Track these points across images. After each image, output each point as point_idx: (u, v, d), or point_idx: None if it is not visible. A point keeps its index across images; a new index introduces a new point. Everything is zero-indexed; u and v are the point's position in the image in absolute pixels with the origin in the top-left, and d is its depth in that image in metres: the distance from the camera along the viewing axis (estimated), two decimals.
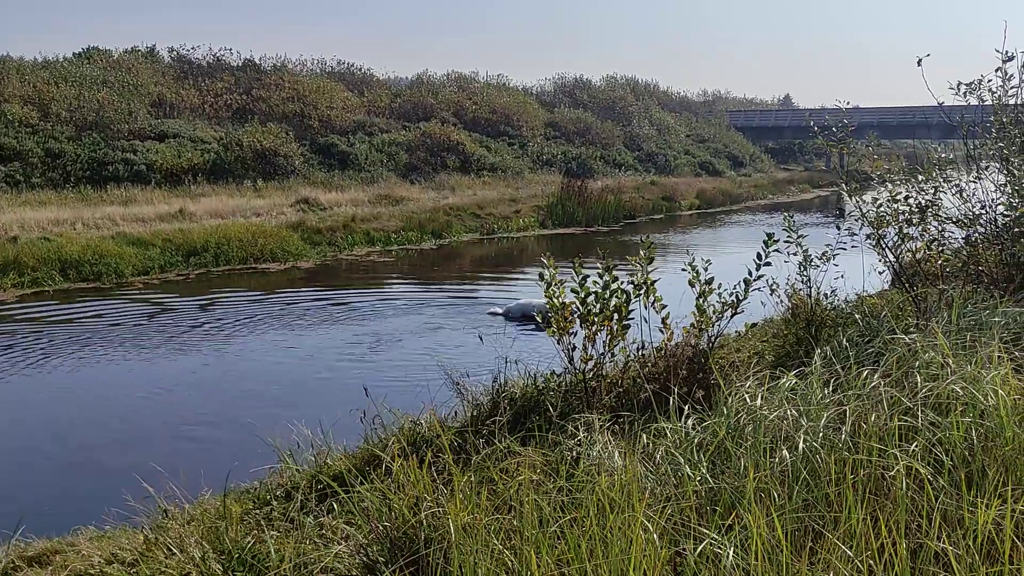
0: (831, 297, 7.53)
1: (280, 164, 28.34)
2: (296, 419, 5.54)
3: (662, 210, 31.62)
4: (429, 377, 7.30)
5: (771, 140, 54.99)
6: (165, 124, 29.27)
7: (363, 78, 41.70)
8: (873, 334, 5.54)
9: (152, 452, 7.36)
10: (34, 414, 9.10)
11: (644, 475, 3.63)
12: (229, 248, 18.73)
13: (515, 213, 26.68)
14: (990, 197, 7.26)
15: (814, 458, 3.47)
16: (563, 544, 3.03)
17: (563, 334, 5.86)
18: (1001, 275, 6.78)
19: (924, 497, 3.12)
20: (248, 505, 4.92)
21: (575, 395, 5.83)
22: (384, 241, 22.17)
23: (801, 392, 4.16)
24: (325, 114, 33.28)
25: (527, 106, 42.09)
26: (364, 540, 3.44)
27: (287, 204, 24.22)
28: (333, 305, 14.60)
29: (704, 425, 4.04)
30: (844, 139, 8.07)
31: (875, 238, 7.26)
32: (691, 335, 6.15)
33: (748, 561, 2.85)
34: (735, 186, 39.08)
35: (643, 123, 46.16)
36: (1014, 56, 7.18)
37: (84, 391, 9.84)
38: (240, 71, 36.33)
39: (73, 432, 8.36)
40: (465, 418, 5.86)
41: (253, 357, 11.15)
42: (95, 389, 9.92)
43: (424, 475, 3.55)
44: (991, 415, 3.55)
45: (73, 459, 7.66)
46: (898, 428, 3.53)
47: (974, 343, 4.43)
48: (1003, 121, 7.17)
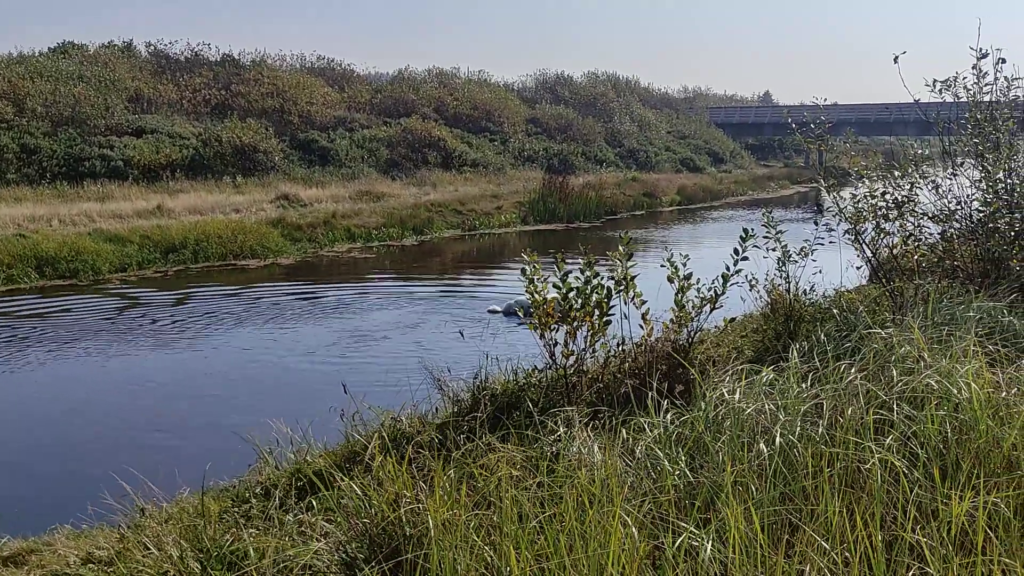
0: (809, 292, 7.59)
1: (260, 160, 28.14)
2: (276, 416, 5.51)
3: (643, 206, 31.71)
4: (410, 374, 7.30)
5: (751, 137, 55.27)
6: (143, 119, 28.97)
7: (343, 73, 41.47)
8: (850, 328, 5.59)
9: (129, 450, 7.31)
10: (8, 412, 9.01)
11: (623, 470, 3.64)
12: (208, 245, 18.59)
13: (497, 209, 26.67)
14: (965, 193, 7.34)
15: (791, 452, 3.49)
16: (543, 539, 3.03)
17: (545, 330, 5.88)
18: (976, 270, 6.86)
19: (899, 490, 3.16)
20: (227, 503, 4.89)
21: (556, 390, 5.85)
22: (365, 237, 22.09)
23: (779, 386, 4.19)
24: (305, 110, 33.08)
25: (508, 102, 42.04)
26: (343, 537, 3.44)
27: (267, 200, 24.08)
28: (313, 301, 14.54)
29: (683, 419, 4.06)
30: (822, 136, 8.13)
31: (853, 233, 7.33)
32: (671, 330, 6.19)
33: (726, 554, 2.87)
34: (716, 182, 39.25)
35: (624, 119, 46.24)
36: (988, 54, 7.26)
37: (60, 388, 9.74)
38: (219, 66, 36.03)
39: (49, 430, 8.28)
40: (446, 414, 5.86)
41: (232, 354, 11.09)
42: (71, 386, 9.83)
43: (404, 471, 3.55)
44: (965, 408, 3.60)
45: (49, 457, 7.59)
46: (874, 421, 3.57)
47: (949, 337, 4.48)
48: (978, 118, 7.25)
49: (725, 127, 53.42)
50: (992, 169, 6.83)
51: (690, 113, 55.00)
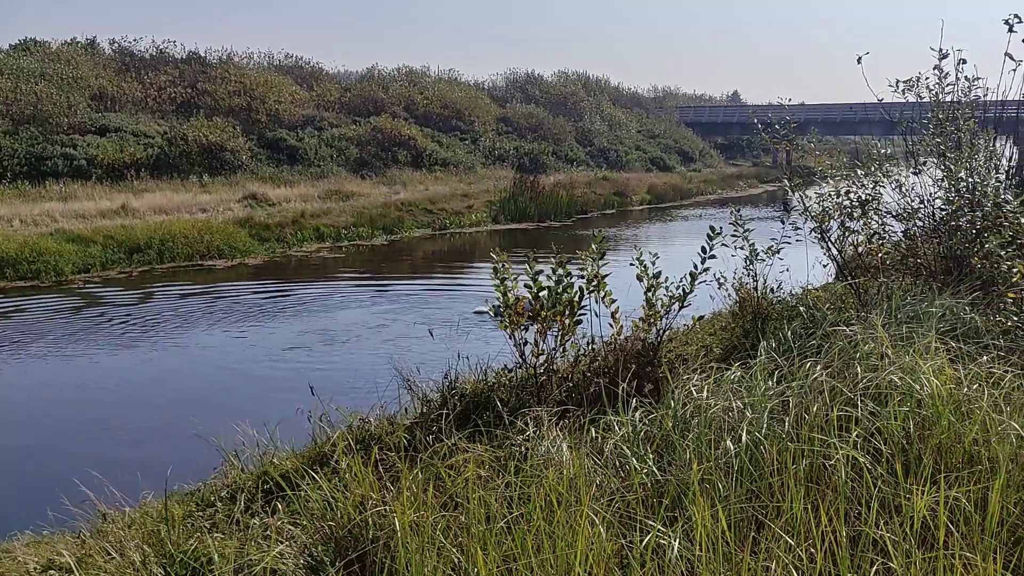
0: (777, 290, 7.65)
1: (227, 159, 27.85)
2: (241, 418, 5.44)
3: (614, 205, 31.84)
4: (380, 374, 7.25)
5: (720, 136, 55.71)
6: (106, 118, 28.53)
7: (312, 72, 41.15)
8: (817, 326, 5.63)
9: (91, 454, 7.18)
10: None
11: (592, 469, 3.64)
12: (174, 245, 18.36)
13: (467, 208, 26.61)
14: (928, 192, 7.44)
15: (757, 449, 3.51)
16: (510, 540, 3.02)
17: (515, 329, 5.87)
18: (939, 268, 6.95)
19: (863, 485, 3.19)
20: (191, 507, 4.83)
21: (526, 390, 5.84)
22: (334, 237, 21.94)
23: (746, 384, 4.21)
24: (273, 108, 32.77)
25: (479, 101, 41.98)
26: (309, 540, 3.40)
27: (234, 200, 23.83)
28: (281, 302, 14.41)
29: (651, 418, 4.07)
30: (787, 136, 8.21)
31: (819, 232, 7.41)
32: (640, 329, 6.21)
33: (693, 552, 2.88)
34: (685, 181, 39.51)
35: (595, 119, 46.38)
36: (949, 54, 7.36)
37: (18, 390, 9.57)
38: (184, 64, 35.58)
39: (6, 433, 8.11)
40: (415, 415, 5.83)
41: (197, 355, 10.95)
42: (30, 388, 9.65)
43: (370, 473, 3.51)
44: (927, 404, 3.64)
45: (7, 462, 7.43)
46: (839, 418, 3.60)
47: (912, 334, 4.53)
48: (940, 118, 7.35)
49: (694, 126, 53.80)
50: (954, 168, 6.92)
51: (660, 112, 55.30)
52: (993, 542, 2.88)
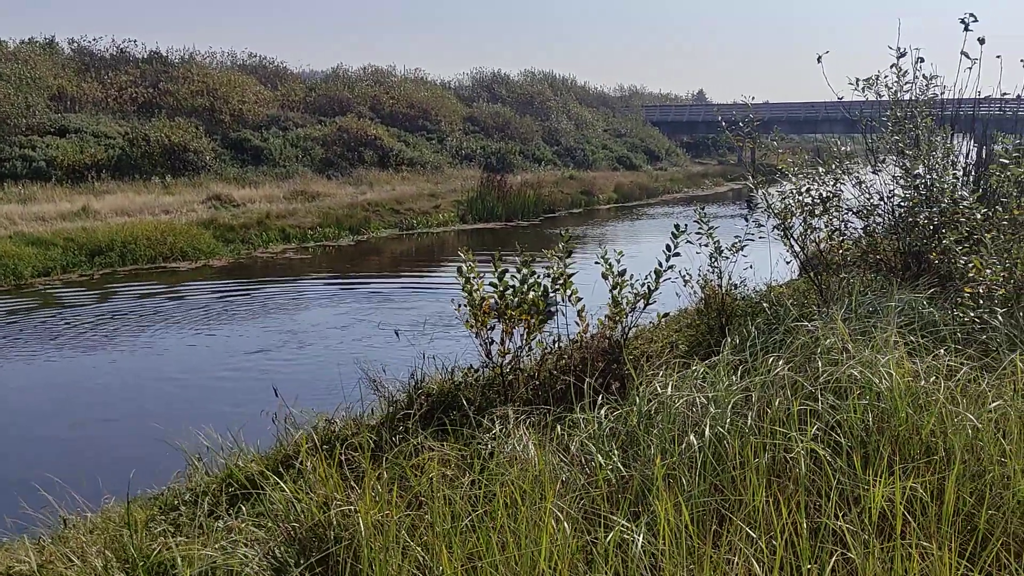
0: (741, 287, 7.73)
1: (190, 160, 27.49)
2: (205, 421, 5.39)
3: (581, 204, 31.93)
4: (346, 375, 7.21)
5: (686, 135, 56.09)
6: (66, 119, 28.03)
7: (276, 71, 40.76)
8: (780, 322, 5.71)
9: (50, 458, 7.07)
10: None
11: (558, 466, 3.66)
12: (136, 247, 18.09)
13: (435, 208, 26.54)
14: (887, 189, 7.56)
15: (720, 443, 3.55)
16: (475, 538, 3.02)
17: (481, 328, 5.87)
18: (898, 263, 7.08)
19: (823, 477, 3.23)
20: (154, 511, 4.77)
21: (493, 389, 5.84)
22: (300, 238, 21.77)
23: (710, 379, 4.25)
24: (237, 108, 32.41)
25: (445, 100, 41.88)
26: (273, 542, 3.37)
27: (198, 201, 23.54)
28: (246, 303, 14.27)
29: (616, 414, 4.09)
30: (751, 134, 8.30)
31: (782, 229, 7.50)
32: (606, 327, 6.24)
33: (657, 546, 2.90)
34: (652, 180, 39.74)
35: (561, 118, 46.49)
36: (907, 52, 7.49)
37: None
38: (146, 63, 35.07)
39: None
40: (382, 415, 5.81)
41: (159, 357, 10.80)
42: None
43: (335, 473, 3.50)
44: (886, 397, 3.70)
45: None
46: (800, 412, 3.65)
47: (872, 329, 4.61)
48: (898, 116, 7.47)
49: (661, 125, 54.12)
50: (911, 165, 7.04)
51: (626, 112, 55.56)
52: (949, 531, 2.94)
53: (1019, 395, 3.85)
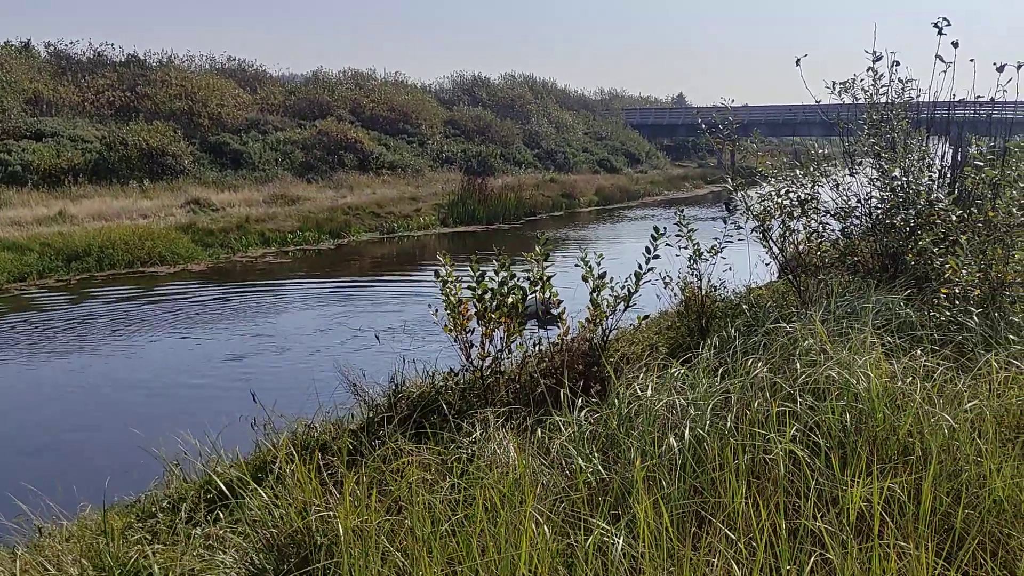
0: (721, 289, 7.77)
1: (168, 164, 27.28)
2: (183, 427, 5.33)
3: (562, 207, 31.98)
4: (325, 379, 7.17)
5: (666, 138, 56.30)
6: (42, 122, 27.74)
7: (255, 75, 40.57)
8: (759, 324, 5.73)
9: (25, 466, 6.98)
10: None
11: (538, 469, 3.65)
12: (114, 251, 17.92)
13: (416, 212, 26.49)
14: (864, 191, 7.61)
15: (700, 445, 3.56)
16: (455, 542, 3.01)
17: (460, 331, 5.85)
18: (876, 264, 7.13)
19: (802, 478, 3.25)
20: (131, 519, 4.72)
21: (473, 392, 5.83)
22: (280, 242, 21.65)
23: (690, 382, 4.26)
24: (216, 112, 32.21)
25: (426, 104, 41.83)
26: (251, 549, 3.34)
27: (176, 205, 23.36)
28: (224, 308, 14.16)
29: (596, 417, 4.09)
30: (730, 136, 8.34)
31: (761, 231, 7.54)
32: (586, 329, 6.24)
33: (637, 549, 2.90)
34: (632, 183, 39.86)
35: (542, 121, 46.55)
36: (883, 56, 7.56)
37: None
38: (123, 67, 34.78)
39: None
40: (362, 420, 5.78)
41: (135, 363, 10.69)
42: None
43: (313, 478, 3.47)
44: (863, 398, 3.73)
45: None
46: (779, 413, 3.66)
47: (850, 330, 4.64)
48: (874, 119, 7.53)
49: (641, 128, 54.30)
50: (888, 168, 7.10)
51: (606, 115, 55.73)
52: (926, 531, 2.96)
53: (994, 395, 3.89)
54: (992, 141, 7.95)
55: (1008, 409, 3.80)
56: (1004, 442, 3.53)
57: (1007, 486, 3.16)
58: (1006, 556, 2.97)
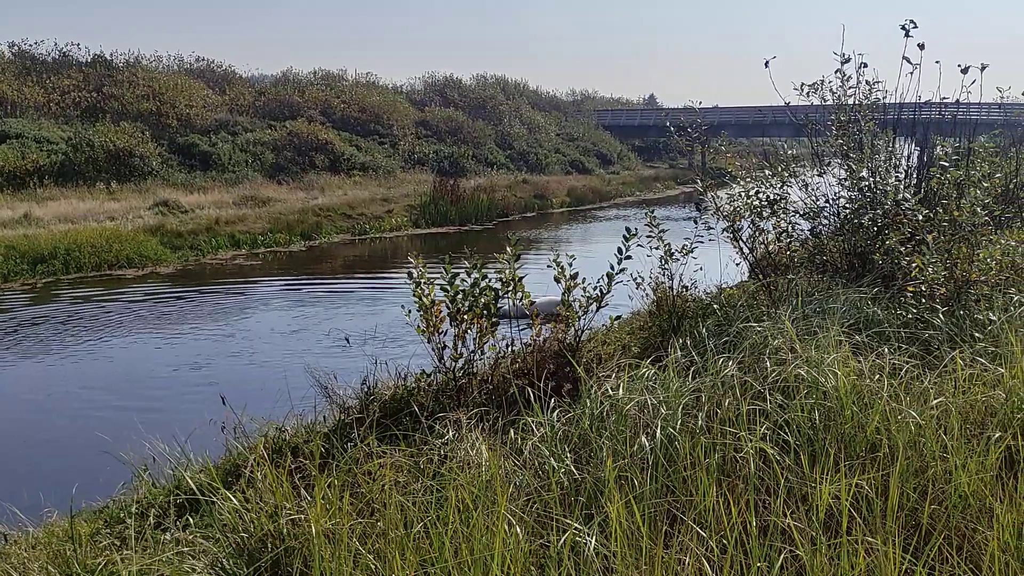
0: (692, 289, 7.81)
1: (136, 165, 26.94)
2: (152, 431, 5.26)
3: (535, 208, 32.03)
4: (297, 382, 7.12)
5: (637, 139, 56.55)
6: (6, 124, 27.28)
7: (224, 75, 40.20)
8: (730, 323, 5.77)
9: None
10: None
11: (511, 470, 3.65)
12: (81, 254, 17.67)
13: (387, 213, 26.39)
14: (833, 191, 7.70)
15: (672, 444, 3.58)
16: (427, 544, 3.00)
17: (432, 333, 5.84)
18: (844, 264, 7.21)
19: (772, 476, 3.28)
20: (99, 525, 4.65)
21: (446, 394, 5.82)
22: (250, 244, 21.47)
23: (661, 381, 4.29)
24: (184, 112, 31.87)
25: (397, 105, 41.68)
26: (221, 554, 3.31)
27: (144, 207, 23.08)
28: (194, 310, 14.02)
29: (568, 417, 4.10)
30: (700, 138, 8.40)
31: (731, 231, 7.60)
32: (559, 330, 6.25)
33: (610, 549, 2.91)
34: (604, 184, 40.01)
35: (514, 122, 46.58)
36: (851, 58, 7.65)
37: None
38: (89, 67, 34.28)
39: None
40: (333, 423, 5.75)
41: (102, 366, 10.55)
42: None
43: (284, 482, 3.44)
44: (832, 396, 3.77)
45: None
46: (749, 411, 3.69)
47: (818, 329, 4.69)
48: (842, 120, 7.61)
49: (612, 129, 54.50)
50: (856, 168, 7.18)
51: (578, 116, 55.88)
52: (893, 527, 3.00)
53: (959, 392, 3.95)
54: (957, 142, 8.09)
55: (973, 405, 3.86)
56: (969, 438, 3.59)
57: (972, 481, 3.21)
58: (971, 550, 3.02)
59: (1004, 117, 9.33)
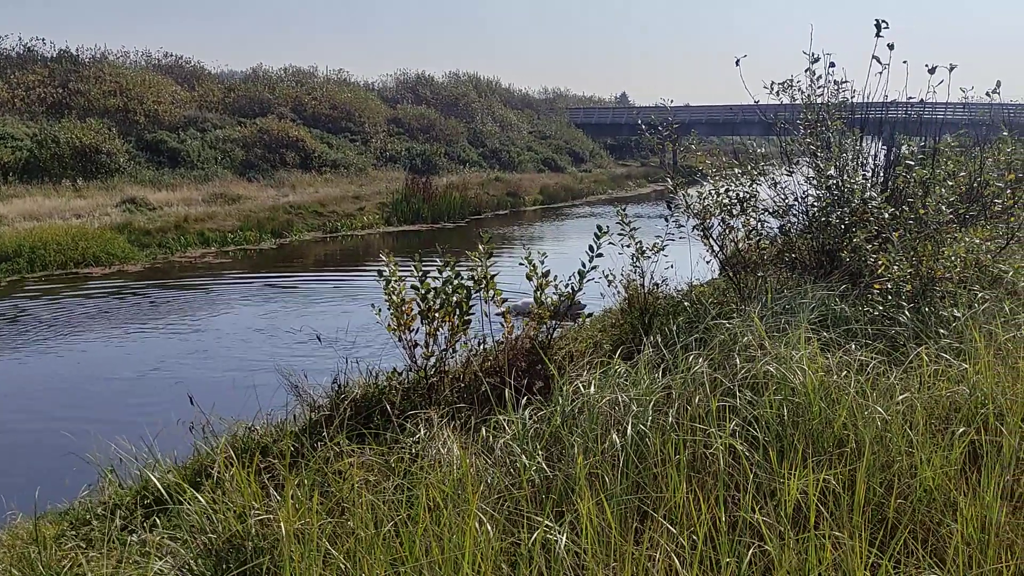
0: (663, 286, 7.85)
1: (103, 162, 26.54)
2: (118, 431, 5.19)
3: (507, 206, 32.04)
4: (267, 381, 7.06)
5: (609, 137, 56.72)
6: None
7: (193, 71, 39.74)
8: (700, 320, 5.81)
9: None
10: None
11: (482, 468, 3.65)
12: (46, 253, 17.39)
13: (359, 211, 26.26)
14: (801, 189, 7.77)
15: (643, 441, 3.59)
16: (398, 543, 2.98)
17: (403, 331, 5.81)
18: (813, 261, 7.28)
19: (741, 472, 3.30)
20: (64, 527, 4.58)
21: (417, 392, 5.79)
22: (220, 242, 21.26)
23: (632, 378, 4.30)
24: (152, 109, 31.44)
25: (369, 102, 41.46)
26: (188, 555, 3.27)
27: (112, 204, 22.76)
28: (162, 309, 13.85)
29: (540, 415, 4.10)
30: (671, 136, 8.44)
31: (701, 229, 7.65)
32: (530, 327, 6.25)
33: (581, 545, 2.92)
34: (576, 182, 40.12)
35: (486, 120, 46.53)
36: (820, 58, 7.72)
37: None
38: (55, 63, 33.73)
39: None
40: (304, 422, 5.70)
41: (68, 366, 10.38)
42: None
43: (253, 482, 3.41)
44: (800, 392, 3.80)
45: None
46: (719, 408, 3.72)
47: (787, 325, 4.73)
48: (810, 119, 7.69)
49: (585, 127, 54.60)
50: (824, 167, 7.26)
51: (550, 114, 55.93)
52: (860, 521, 3.03)
53: (925, 387, 4.01)
54: (923, 141, 8.20)
55: (937, 401, 3.92)
56: (934, 433, 3.64)
57: (936, 476, 3.25)
58: (936, 544, 3.07)
59: (968, 117, 9.47)
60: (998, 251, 6.49)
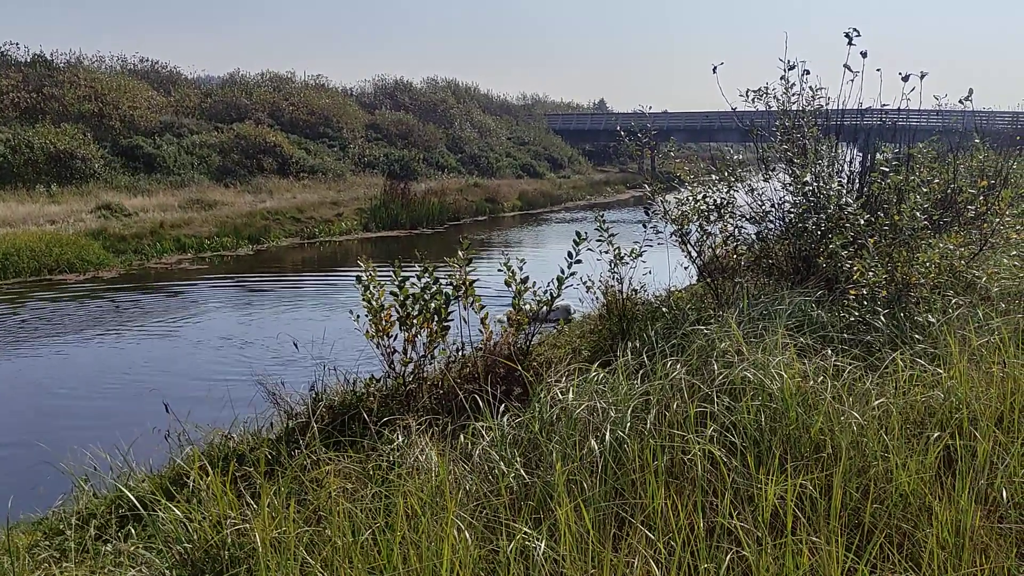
0: (641, 292, 7.87)
1: (77, 167, 26.26)
2: (92, 440, 5.12)
3: (486, 211, 32.05)
4: (243, 388, 7.00)
5: (588, 143, 56.92)
6: None
7: (169, 76, 39.48)
8: (678, 326, 5.83)
9: None
10: None
11: (461, 475, 3.63)
12: (19, 259, 17.17)
13: (337, 216, 26.16)
14: (778, 196, 7.83)
15: (621, 447, 3.60)
16: (376, 551, 2.97)
17: (381, 337, 5.79)
18: (790, 267, 7.33)
19: (719, 477, 3.31)
20: (37, 536, 4.51)
21: (395, 399, 5.77)
22: (196, 248, 21.09)
23: (610, 384, 4.31)
24: (127, 114, 31.16)
25: (347, 107, 41.34)
26: (164, 565, 3.23)
27: (86, 210, 22.52)
28: (137, 316, 13.70)
29: (519, 421, 4.10)
30: (648, 143, 8.47)
31: (679, 235, 7.67)
32: (509, 334, 6.25)
33: (559, 552, 2.91)
34: (555, 187, 40.22)
35: (465, 125, 46.53)
36: (795, 65, 7.79)
37: None
38: (28, 67, 33.34)
39: None
40: (281, 430, 5.66)
41: (40, 373, 10.23)
42: None
43: (229, 491, 3.38)
44: (777, 398, 3.82)
45: None
46: (697, 414, 3.73)
47: (764, 331, 4.76)
48: (786, 125, 7.75)
49: (563, 133, 54.76)
50: (800, 173, 7.31)
51: (529, 120, 56.05)
52: (837, 526, 3.05)
53: (900, 393, 4.04)
54: (897, 148, 8.28)
55: (913, 406, 3.95)
56: (909, 438, 3.67)
57: (912, 481, 3.28)
58: (912, 548, 3.09)
59: (942, 124, 9.60)
60: (972, 257, 6.57)
